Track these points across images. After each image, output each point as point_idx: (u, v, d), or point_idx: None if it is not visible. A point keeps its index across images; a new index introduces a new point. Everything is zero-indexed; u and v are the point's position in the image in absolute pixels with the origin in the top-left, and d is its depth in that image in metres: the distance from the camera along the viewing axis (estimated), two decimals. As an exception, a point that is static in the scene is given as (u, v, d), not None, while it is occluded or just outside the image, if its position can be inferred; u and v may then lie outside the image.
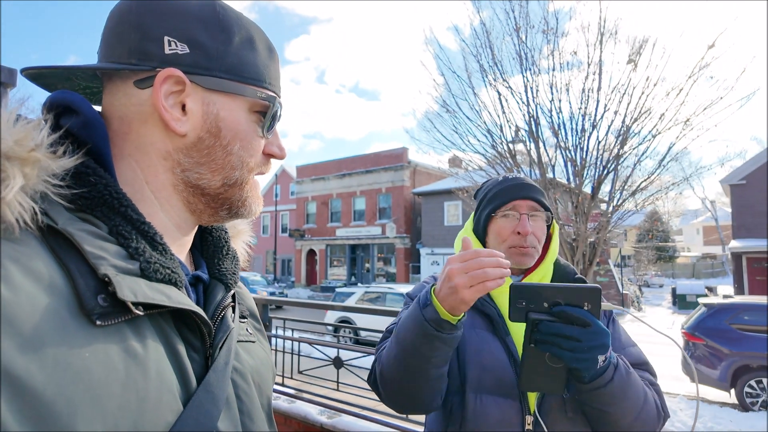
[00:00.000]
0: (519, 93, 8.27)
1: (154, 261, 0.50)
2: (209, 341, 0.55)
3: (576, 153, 7.92)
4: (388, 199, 26.54)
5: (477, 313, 1.15)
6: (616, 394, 0.94)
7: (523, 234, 1.13)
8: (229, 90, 0.57)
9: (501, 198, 1.18)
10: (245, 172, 0.60)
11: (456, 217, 23.46)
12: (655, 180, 8.00)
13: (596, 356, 0.88)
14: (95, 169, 0.50)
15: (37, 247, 0.43)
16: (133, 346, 0.45)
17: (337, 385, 3.50)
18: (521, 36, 8.14)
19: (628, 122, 7.59)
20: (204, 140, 0.56)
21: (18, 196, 0.41)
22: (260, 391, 0.64)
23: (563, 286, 0.90)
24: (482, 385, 1.07)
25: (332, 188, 29.21)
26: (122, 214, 0.50)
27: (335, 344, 3.79)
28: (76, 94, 0.54)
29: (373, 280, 26.36)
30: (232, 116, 0.58)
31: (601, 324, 0.89)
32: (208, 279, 0.64)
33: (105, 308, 0.43)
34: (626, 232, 30.02)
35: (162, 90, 0.53)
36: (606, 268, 21.04)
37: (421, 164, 26.33)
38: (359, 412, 3.22)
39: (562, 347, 0.87)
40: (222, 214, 0.62)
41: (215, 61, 0.56)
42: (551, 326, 0.87)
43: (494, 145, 8.61)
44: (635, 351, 1.15)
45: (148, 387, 0.44)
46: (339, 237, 28.48)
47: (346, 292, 13.18)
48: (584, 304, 0.88)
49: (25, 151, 0.43)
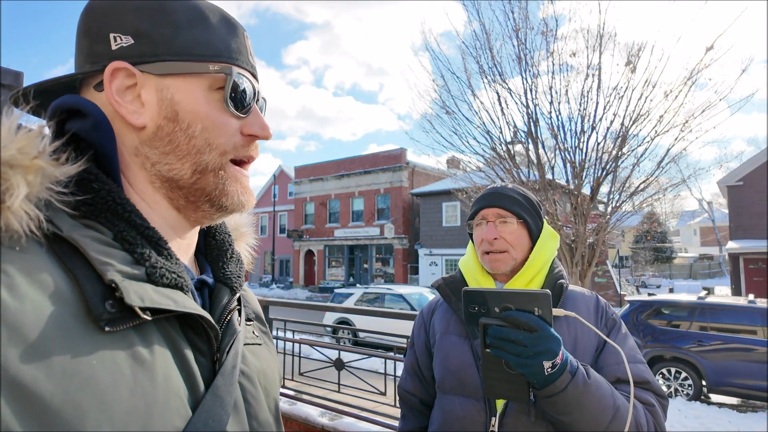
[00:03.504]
0: (518, 95, 8.29)
1: (159, 266, 0.50)
2: (216, 345, 0.55)
3: (575, 154, 7.94)
4: (386, 200, 26.54)
5: (454, 319, 1.22)
6: (571, 403, 0.92)
7: (487, 239, 1.18)
8: (178, 71, 0.55)
9: (474, 209, 1.26)
10: (215, 155, 0.57)
11: (454, 217, 23.47)
12: (654, 181, 8.03)
13: (541, 362, 0.87)
14: (98, 175, 0.50)
15: (42, 255, 0.43)
16: (141, 351, 0.45)
17: (338, 387, 3.49)
18: (520, 38, 8.15)
19: (626, 124, 7.61)
20: (163, 128, 0.55)
21: (23, 205, 0.41)
22: (267, 393, 0.63)
23: (513, 291, 0.91)
24: (447, 386, 1.15)
25: (330, 189, 29.19)
26: (126, 220, 0.50)
27: (337, 346, 3.79)
28: (82, 98, 0.54)
29: (372, 280, 26.34)
30: (189, 97, 0.55)
31: (551, 330, 0.88)
32: (213, 283, 0.63)
33: (113, 314, 0.43)
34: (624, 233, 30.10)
35: (113, 86, 0.53)
36: (604, 268, 21.09)
37: (420, 165, 26.34)
38: (360, 413, 3.21)
39: (509, 352, 0.87)
40: (205, 207, 0.59)
41: (162, 45, 0.54)
42: (499, 330, 0.88)
43: (494, 147, 8.62)
44: (636, 368, 1.08)
45: (155, 392, 0.44)
46: (337, 237, 28.46)
47: (345, 293, 13.16)
48: (534, 309, 0.88)
49: (28, 159, 0.43)
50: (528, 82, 8.15)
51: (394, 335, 2.91)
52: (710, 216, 39.11)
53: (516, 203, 1.22)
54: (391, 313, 3.49)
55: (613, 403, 0.97)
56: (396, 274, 25.67)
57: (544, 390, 0.91)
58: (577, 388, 0.92)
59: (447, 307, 1.26)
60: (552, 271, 1.22)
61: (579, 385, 0.93)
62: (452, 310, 1.23)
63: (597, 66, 7.68)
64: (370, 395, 3.42)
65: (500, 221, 1.20)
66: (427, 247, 24.24)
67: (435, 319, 1.28)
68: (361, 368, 3.59)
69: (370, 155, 27.75)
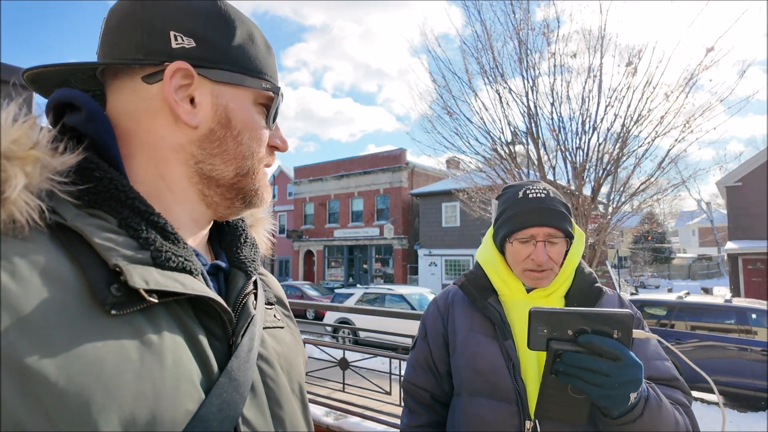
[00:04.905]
0: (519, 95, 8.30)
1: (165, 250, 0.50)
2: (231, 329, 0.55)
3: (576, 155, 7.95)
4: (386, 200, 26.52)
5: (479, 317, 1.17)
6: (645, 428, 0.86)
7: (537, 262, 1.11)
8: (235, 82, 0.58)
9: (517, 224, 1.14)
10: (255, 162, 0.62)
11: (454, 218, 23.47)
12: (654, 182, 8.04)
13: (627, 393, 0.79)
14: (99, 164, 0.50)
15: (46, 244, 0.43)
16: (148, 335, 0.45)
17: (343, 386, 3.50)
18: (522, 38, 8.16)
19: (627, 125, 7.63)
20: (215, 131, 0.58)
21: (23, 195, 0.42)
22: (290, 377, 0.63)
23: (590, 312, 0.80)
24: (476, 389, 1.09)
25: (330, 189, 29.16)
26: (130, 207, 0.50)
27: (341, 345, 3.79)
28: (77, 91, 0.54)
29: (371, 281, 26.32)
30: (241, 107, 0.59)
31: (634, 356, 0.79)
32: (228, 268, 0.64)
33: (118, 297, 0.43)
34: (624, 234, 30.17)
35: (172, 83, 0.54)
36: (603, 269, 21.12)
37: (419, 165, 26.33)
38: (365, 413, 3.22)
39: (588, 382, 0.78)
40: (237, 204, 0.63)
41: (221, 54, 0.57)
42: (576, 358, 0.78)
43: (495, 148, 8.63)
44: (663, 366, 1.06)
45: (164, 376, 0.44)
46: (337, 238, 28.44)
47: (345, 293, 13.17)
48: (614, 332, 0.79)
49: (24, 150, 0.43)
50: (529, 83, 8.16)
51: (396, 334, 2.92)
52: (709, 216, 39.16)
53: (564, 219, 1.14)
54: (398, 313, 3.50)
55: (675, 418, 0.93)
56: (395, 274, 25.66)
57: (620, 419, 0.84)
58: (652, 413, 0.87)
59: (468, 302, 1.21)
60: (582, 272, 1.18)
61: (653, 408, 0.88)
62: (475, 308, 1.19)
63: (598, 68, 7.70)
64: (374, 395, 3.43)
65: (549, 241, 1.12)
66: (426, 248, 24.23)
67: (455, 314, 1.22)
68: (367, 368, 3.60)
69: (369, 156, 27.73)
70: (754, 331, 7.31)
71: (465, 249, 22.64)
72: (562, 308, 0.84)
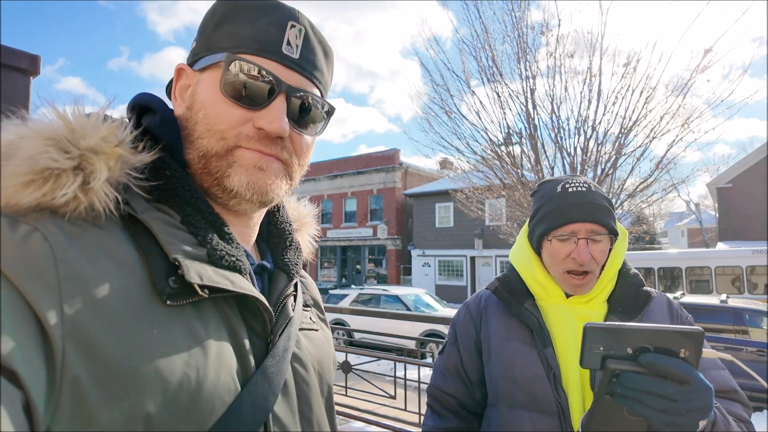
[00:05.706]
0: (518, 94, 8.29)
1: (220, 249, 0.53)
2: (270, 328, 0.57)
3: (575, 155, 7.96)
4: (379, 201, 26.46)
5: (515, 324, 1.10)
6: None
7: (579, 261, 1.02)
8: (205, 65, 0.59)
9: (557, 219, 1.05)
10: (214, 140, 0.56)
11: (447, 219, 23.47)
12: (651, 183, 8.08)
13: (696, 421, 0.69)
14: (170, 164, 0.55)
15: (118, 233, 0.48)
16: (197, 327, 0.48)
17: (345, 390, 3.41)
18: (521, 37, 8.15)
19: (626, 125, 7.64)
20: (184, 116, 0.60)
21: (104, 187, 0.47)
22: (321, 379, 0.65)
23: (653, 328, 0.71)
24: (514, 400, 1.03)
25: (323, 189, 29.04)
26: (193, 205, 0.54)
27: (344, 348, 3.70)
28: (153, 95, 0.60)
29: (365, 281, 26.23)
30: (203, 87, 0.59)
31: (704, 379, 0.69)
32: (272, 268, 0.66)
33: (174, 289, 0.47)
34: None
35: (179, 83, 0.62)
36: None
37: (413, 166, 26.32)
38: (369, 417, 3.13)
39: (650, 407, 0.69)
40: (217, 192, 0.58)
41: (203, 44, 0.60)
42: (637, 380, 0.69)
43: (493, 148, 8.62)
44: (721, 376, 0.98)
45: (207, 366, 0.47)
46: (330, 238, 28.31)
47: (340, 294, 13.05)
48: (680, 351, 0.70)
49: (110, 147, 0.48)
50: (527, 82, 8.15)
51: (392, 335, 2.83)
52: (698, 218, 39.67)
53: (608, 214, 1.05)
54: (400, 314, 3.41)
55: None
56: (389, 275, 25.60)
57: None
58: None
59: (503, 307, 1.14)
60: (627, 273, 1.10)
61: None
62: (511, 313, 1.11)
63: (598, 68, 7.71)
64: (377, 398, 3.34)
65: (591, 239, 1.04)
66: (420, 248, 24.20)
67: (489, 320, 1.15)
68: (370, 371, 3.51)
69: (363, 156, 27.66)
70: (748, 332, 7.37)
71: (458, 249, 22.66)
72: (622, 324, 0.74)
